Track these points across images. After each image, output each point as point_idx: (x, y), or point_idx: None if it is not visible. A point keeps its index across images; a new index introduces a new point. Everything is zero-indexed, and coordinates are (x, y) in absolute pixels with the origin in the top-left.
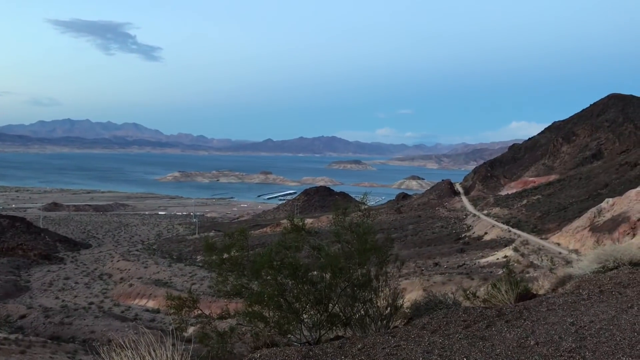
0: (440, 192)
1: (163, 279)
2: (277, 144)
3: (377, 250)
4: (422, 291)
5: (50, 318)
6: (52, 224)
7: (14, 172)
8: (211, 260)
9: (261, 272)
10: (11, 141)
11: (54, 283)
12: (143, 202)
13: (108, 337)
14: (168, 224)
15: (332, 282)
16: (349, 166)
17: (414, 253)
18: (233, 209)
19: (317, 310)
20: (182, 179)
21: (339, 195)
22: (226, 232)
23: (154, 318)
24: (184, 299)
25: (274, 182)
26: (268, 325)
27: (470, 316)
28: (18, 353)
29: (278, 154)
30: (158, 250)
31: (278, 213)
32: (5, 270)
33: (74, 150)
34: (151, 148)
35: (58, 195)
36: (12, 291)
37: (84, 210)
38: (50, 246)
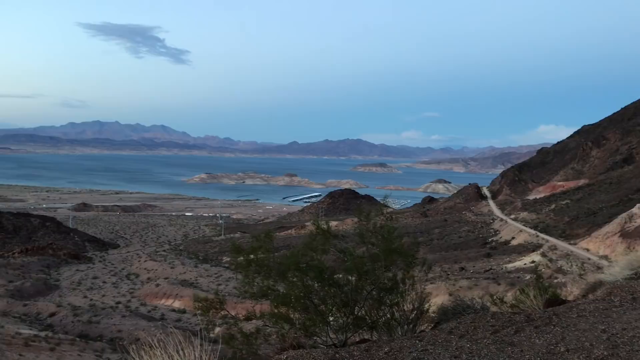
0: (467, 195)
1: (189, 279)
2: (303, 146)
3: (403, 254)
4: (448, 295)
5: (78, 316)
6: (82, 224)
7: (45, 172)
8: (238, 262)
9: (287, 274)
10: (42, 142)
11: (83, 282)
12: (170, 203)
13: (135, 336)
14: (194, 225)
15: (358, 285)
16: (374, 169)
17: (440, 257)
18: (258, 211)
19: (343, 312)
20: (208, 181)
21: (364, 199)
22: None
23: (180, 318)
24: (211, 301)
25: (298, 184)
26: (294, 327)
27: (499, 321)
28: (48, 350)
29: (303, 157)
30: (184, 251)
31: (303, 215)
32: (35, 269)
33: (103, 151)
34: (179, 150)
35: (87, 196)
36: (42, 289)
37: (113, 210)
38: (79, 246)
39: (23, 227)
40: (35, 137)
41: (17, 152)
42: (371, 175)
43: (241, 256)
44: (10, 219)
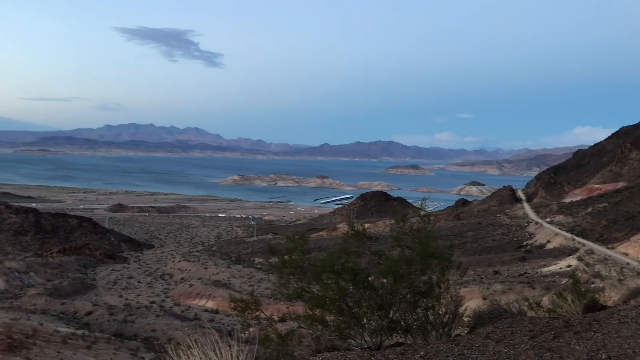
0: (501, 198)
1: (222, 280)
2: (334, 148)
3: (439, 257)
4: (482, 299)
5: (114, 315)
6: (117, 224)
7: (82, 174)
8: (273, 263)
9: (322, 276)
10: (79, 144)
11: (118, 282)
12: (204, 205)
13: (169, 335)
14: (227, 226)
15: (393, 288)
16: (406, 171)
17: (473, 260)
18: (290, 212)
19: (378, 315)
20: (241, 182)
21: (396, 201)
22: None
23: (213, 318)
24: (247, 301)
25: (330, 186)
26: (329, 329)
27: (537, 326)
28: (84, 348)
29: (334, 159)
30: (217, 252)
31: (334, 217)
32: (73, 268)
33: (138, 153)
34: (212, 152)
35: (123, 197)
36: (79, 289)
37: (148, 211)
38: (115, 246)
39: (61, 228)
40: (72, 140)
41: (56, 153)
42: (403, 178)
43: (276, 257)
44: (49, 219)
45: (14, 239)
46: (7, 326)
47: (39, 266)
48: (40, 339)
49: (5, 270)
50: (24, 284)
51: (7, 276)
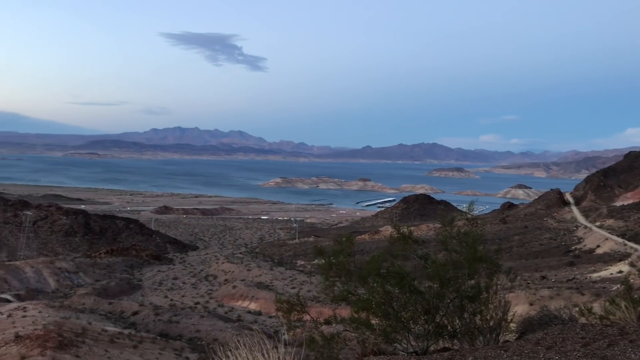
0: (549, 202)
1: (265, 282)
2: (376, 150)
3: (487, 261)
4: (528, 305)
5: (159, 316)
6: (163, 226)
7: (129, 176)
8: (319, 264)
9: (368, 279)
10: (127, 148)
11: (164, 282)
12: (247, 207)
13: (213, 336)
14: (270, 228)
15: (440, 293)
16: (450, 174)
17: (520, 265)
18: (332, 215)
19: (425, 320)
20: (283, 185)
21: (439, 204)
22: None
23: (256, 320)
24: (293, 303)
25: (372, 189)
26: (374, 332)
27: (589, 333)
28: (131, 347)
29: (377, 161)
30: (260, 254)
31: (376, 220)
32: (120, 269)
33: (183, 156)
34: (255, 155)
35: (168, 199)
36: (126, 289)
37: (192, 213)
38: (160, 247)
39: (109, 229)
40: (120, 143)
41: (104, 157)
42: (447, 180)
43: (322, 259)
44: (97, 221)
45: (64, 239)
46: (58, 324)
47: (88, 266)
48: (89, 337)
49: (56, 270)
50: (73, 284)
51: (57, 276)
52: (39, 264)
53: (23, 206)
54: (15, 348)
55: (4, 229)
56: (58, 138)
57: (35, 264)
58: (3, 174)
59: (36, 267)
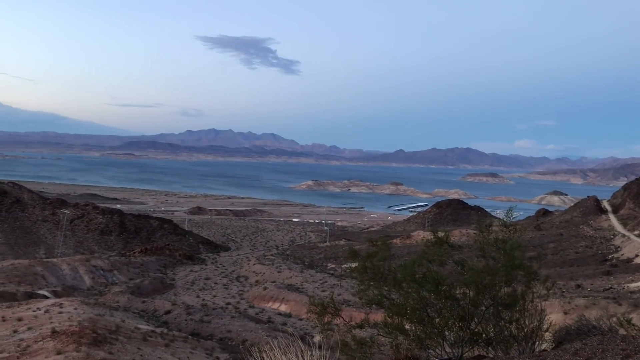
0: (585, 209)
1: (295, 284)
2: (409, 154)
3: (525, 268)
4: (563, 314)
5: (191, 315)
6: (196, 226)
7: (163, 177)
8: (354, 267)
9: (402, 284)
10: (162, 149)
11: (196, 282)
12: (278, 209)
13: (243, 337)
14: (301, 231)
15: (476, 299)
16: (484, 179)
17: (554, 273)
18: (363, 219)
19: (459, 326)
20: (314, 188)
21: (473, 209)
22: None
23: (286, 322)
24: (326, 306)
25: (404, 193)
26: (408, 338)
27: (630, 345)
28: (163, 346)
29: (409, 165)
30: (291, 256)
31: (408, 225)
32: (153, 268)
33: (217, 158)
34: (287, 157)
35: (202, 200)
36: (159, 288)
37: (225, 214)
38: (193, 247)
39: (143, 228)
40: (156, 144)
41: (140, 157)
42: (481, 186)
43: (357, 261)
44: (132, 221)
45: (100, 238)
46: (93, 321)
47: (122, 265)
48: (122, 335)
49: (92, 268)
50: (108, 282)
51: (93, 274)
52: (75, 261)
53: (61, 205)
54: (51, 343)
55: (43, 226)
56: (96, 138)
57: (71, 262)
58: (42, 173)
59: (72, 265)
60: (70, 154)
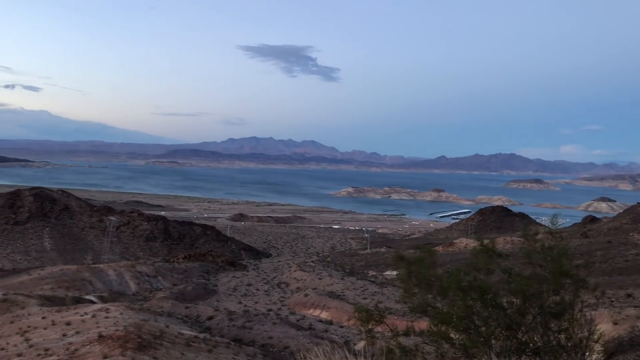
0: (636, 216)
1: (336, 291)
2: (451, 161)
3: (574, 277)
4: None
5: (233, 321)
6: (238, 233)
7: (205, 184)
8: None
9: (448, 292)
10: (205, 157)
11: (238, 288)
12: (319, 216)
13: (284, 344)
14: (341, 238)
15: (523, 308)
16: (529, 185)
17: (603, 282)
18: (404, 226)
19: (506, 335)
20: (355, 195)
21: (517, 216)
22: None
23: (327, 329)
24: (371, 313)
25: (446, 200)
26: (454, 346)
27: None
28: (206, 351)
29: (451, 172)
30: (332, 263)
31: (451, 232)
32: (196, 274)
33: (258, 165)
34: (327, 164)
35: (243, 207)
36: (202, 293)
37: (266, 221)
38: (235, 254)
39: (187, 235)
40: (199, 152)
41: (183, 165)
42: (525, 192)
43: (402, 266)
44: (176, 227)
45: (145, 244)
46: (138, 326)
47: (166, 271)
48: (166, 340)
49: (137, 273)
50: (152, 287)
51: (138, 279)
52: (121, 267)
53: (107, 212)
54: (98, 347)
55: (90, 233)
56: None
57: (117, 267)
58: (90, 181)
59: (118, 270)
60: (117, 163)
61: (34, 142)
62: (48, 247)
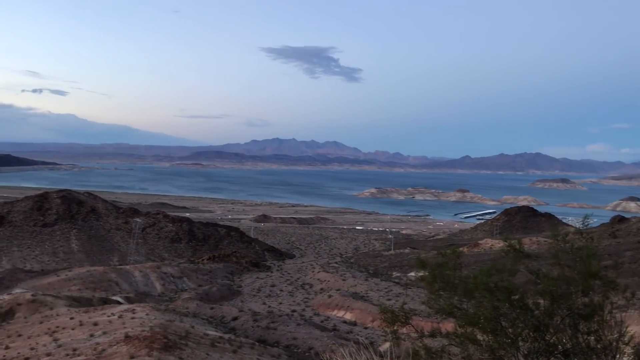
0: None
1: (360, 292)
2: (475, 161)
3: (603, 278)
4: None
5: (258, 322)
6: (261, 234)
7: (229, 186)
8: (423, 276)
9: (474, 294)
10: (228, 158)
11: (262, 289)
12: (342, 217)
13: (309, 344)
14: (365, 239)
15: (551, 310)
16: (555, 185)
17: (633, 283)
18: (428, 227)
19: (534, 337)
20: (378, 195)
21: (543, 217)
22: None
23: (351, 330)
24: (397, 314)
25: (471, 200)
26: (481, 348)
27: None
28: (231, 352)
29: (476, 172)
30: (355, 264)
31: (476, 233)
32: (221, 275)
33: (281, 167)
34: (350, 165)
35: (267, 208)
36: (227, 294)
37: (289, 222)
38: (259, 255)
39: (211, 236)
40: (222, 154)
41: (207, 167)
42: (551, 192)
43: (426, 271)
44: (201, 228)
45: (170, 245)
46: (164, 327)
47: (191, 272)
48: (192, 340)
49: (162, 274)
50: (177, 288)
51: (163, 280)
52: (146, 268)
53: (133, 213)
54: (125, 347)
55: (116, 234)
56: (165, 149)
57: (143, 269)
58: (116, 183)
59: (144, 272)
60: (142, 165)
61: (61, 145)
62: (75, 249)
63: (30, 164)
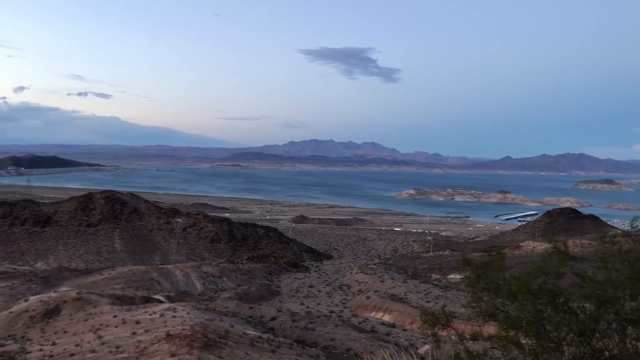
0: None
1: (398, 294)
2: (517, 161)
3: None
4: None
5: (296, 322)
6: (299, 235)
7: (267, 187)
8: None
9: (518, 296)
10: (267, 159)
11: (300, 290)
12: (380, 218)
13: (347, 346)
14: (403, 240)
15: (597, 314)
16: (599, 186)
17: None
18: (468, 229)
19: (579, 342)
20: (417, 197)
21: (587, 219)
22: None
23: (390, 332)
24: (437, 316)
25: (512, 202)
26: (524, 352)
27: None
28: (269, 352)
29: (517, 173)
30: (393, 266)
31: (517, 235)
32: (260, 275)
33: (319, 167)
34: (388, 166)
35: (305, 209)
36: (265, 294)
37: (327, 223)
38: (297, 255)
39: (250, 237)
40: (261, 155)
41: (246, 168)
42: (595, 193)
43: (470, 270)
44: (240, 229)
45: (210, 246)
46: (204, 326)
47: (231, 272)
48: (231, 340)
49: (202, 274)
50: (217, 288)
51: (203, 280)
52: (187, 268)
53: (174, 214)
54: (166, 345)
55: (158, 234)
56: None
57: (184, 268)
58: (157, 184)
59: (185, 271)
60: (183, 166)
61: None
62: (118, 248)
63: (75, 165)
